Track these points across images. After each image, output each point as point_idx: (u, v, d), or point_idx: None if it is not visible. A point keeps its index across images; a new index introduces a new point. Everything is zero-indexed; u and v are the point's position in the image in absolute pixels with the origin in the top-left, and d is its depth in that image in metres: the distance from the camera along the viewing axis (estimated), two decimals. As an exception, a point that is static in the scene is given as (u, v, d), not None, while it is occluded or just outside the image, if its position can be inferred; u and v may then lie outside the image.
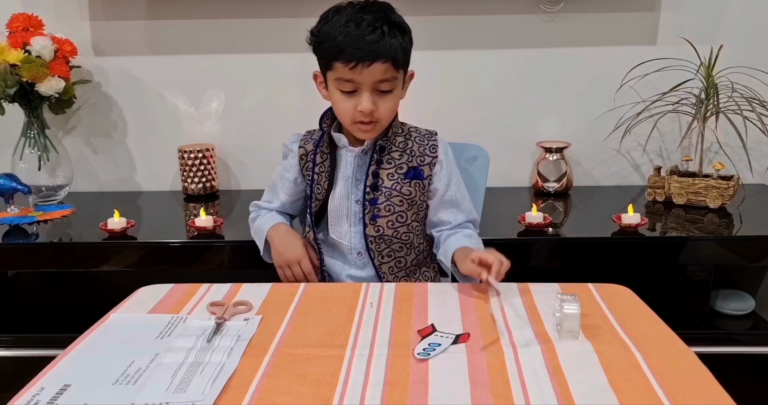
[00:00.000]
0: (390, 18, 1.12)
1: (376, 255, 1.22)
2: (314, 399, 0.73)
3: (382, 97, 1.13)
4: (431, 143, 1.22)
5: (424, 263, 1.28)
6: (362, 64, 1.08)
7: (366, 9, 1.11)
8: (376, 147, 1.19)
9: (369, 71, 1.09)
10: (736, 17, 1.82)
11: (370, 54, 1.08)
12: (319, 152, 1.22)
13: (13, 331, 1.64)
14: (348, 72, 1.10)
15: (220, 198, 1.89)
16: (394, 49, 1.10)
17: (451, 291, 1.05)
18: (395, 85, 1.14)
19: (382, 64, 1.09)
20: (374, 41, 1.08)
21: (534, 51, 1.87)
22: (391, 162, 1.20)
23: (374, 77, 1.10)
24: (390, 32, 1.09)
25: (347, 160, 1.21)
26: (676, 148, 1.91)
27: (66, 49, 1.76)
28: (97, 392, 0.75)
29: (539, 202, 1.78)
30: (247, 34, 1.88)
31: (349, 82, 1.12)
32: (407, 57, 1.15)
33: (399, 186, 1.20)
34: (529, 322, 0.93)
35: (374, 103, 1.12)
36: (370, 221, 1.20)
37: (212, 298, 1.03)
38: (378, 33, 1.08)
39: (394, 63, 1.11)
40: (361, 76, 1.10)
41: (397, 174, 1.20)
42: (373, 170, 1.19)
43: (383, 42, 1.08)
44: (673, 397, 0.72)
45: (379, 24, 1.09)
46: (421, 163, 1.21)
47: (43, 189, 1.81)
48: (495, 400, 0.72)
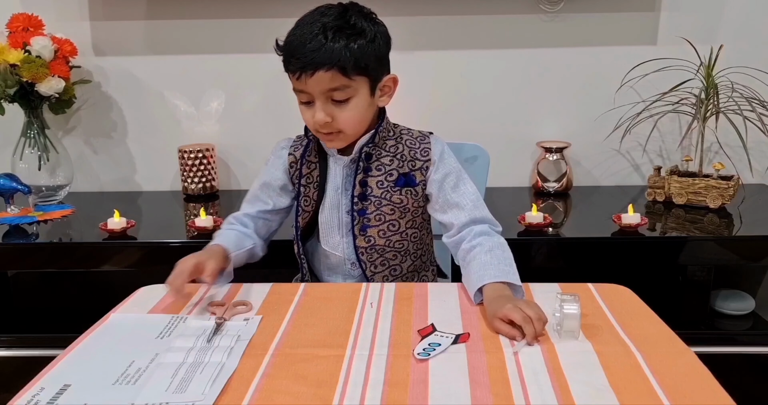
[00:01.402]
0: (343, 22, 1.03)
1: (368, 266, 1.17)
2: (314, 399, 0.73)
3: (339, 106, 1.06)
4: (423, 146, 1.15)
5: (422, 268, 1.24)
6: (305, 73, 1.02)
7: (326, 13, 1.05)
8: (362, 155, 1.13)
9: (314, 81, 1.03)
10: (736, 17, 1.82)
11: (310, 63, 1.01)
12: (305, 163, 1.17)
13: (13, 331, 1.64)
14: (297, 82, 1.05)
15: (220, 198, 1.89)
16: (338, 55, 1.01)
17: (451, 291, 1.04)
18: (351, 93, 1.05)
19: (325, 72, 1.01)
20: (314, 49, 1.01)
21: (534, 51, 1.87)
22: (381, 168, 1.13)
23: (321, 86, 1.03)
24: (334, 38, 1.01)
25: (336, 170, 1.16)
26: (676, 148, 1.91)
27: (66, 49, 1.76)
28: (97, 392, 0.75)
29: (539, 202, 1.78)
30: (247, 34, 1.88)
31: (302, 93, 1.06)
32: (363, 62, 1.04)
33: (389, 194, 1.13)
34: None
35: (330, 113, 1.05)
36: (360, 232, 1.15)
37: (212, 298, 1.03)
38: (319, 39, 1.01)
39: (342, 70, 1.02)
40: (308, 86, 1.04)
41: (387, 182, 1.13)
42: (361, 179, 1.13)
43: (325, 49, 1.01)
44: (673, 397, 0.72)
45: (324, 30, 1.02)
46: (412, 168, 1.14)
47: (43, 189, 1.81)
48: (495, 400, 0.72)
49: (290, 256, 1.26)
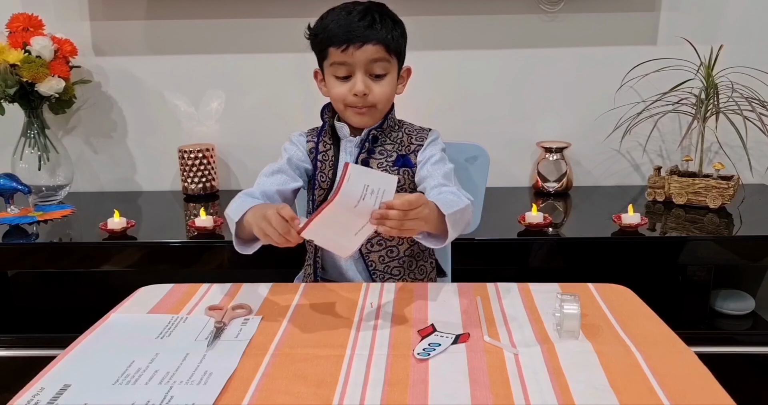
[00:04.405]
0: (382, 9, 1.17)
1: (364, 243, 1.19)
2: (314, 399, 0.73)
3: (375, 81, 1.17)
4: (421, 134, 1.25)
5: (420, 257, 1.27)
6: (353, 45, 1.12)
7: (359, 3, 1.17)
8: (369, 137, 1.21)
9: (361, 51, 1.13)
10: (736, 17, 1.82)
11: (361, 36, 1.12)
12: (321, 142, 1.24)
13: (13, 331, 1.64)
14: (340, 54, 1.13)
15: (220, 198, 1.89)
16: (385, 33, 1.14)
17: (451, 291, 1.05)
18: (388, 69, 1.17)
19: (373, 45, 1.13)
20: (365, 26, 1.12)
21: (534, 51, 1.87)
22: (383, 153, 1.22)
23: (366, 56, 1.13)
24: (381, 20, 1.14)
25: (347, 151, 1.23)
26: (676, 148, 1.91)
27: (66, 49, 1.76)
28: (97, 392, 0.75)
29: (539, 202, 1.78)
30: (247, 34, 1.88)
31: (342, 66, 1.15)
32: (400, 46, 1.18)
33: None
34: (529, 322, 0.93)
35: (368, 86, 1.15)
36: None
37: (212, 298, 1.03)
38: (368, 18, 1.13)
39: (386, 47, 1.14)
40: (353, 57, 1.13)
41: (387, 162, 1.22)
42: (363, 158, 1.21)
43: (375, 26, 1.13)
44: (673, 397, 0.72)
45: (370, 12, 1.14)
46: (409, 151, 1.23)
47: (43, 189, 1.81)
48: (495, 400, 0.72)
49: (291, 256, 1.26)
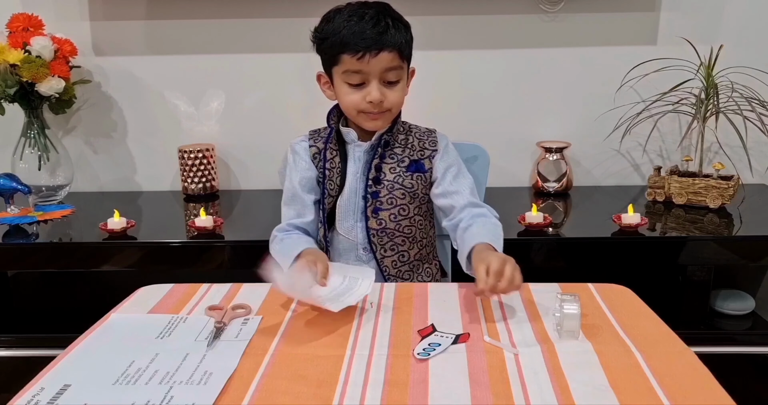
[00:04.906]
0: (390, 12, 1.16)
1: (378, 248, 1.23)
2: (314, 399, 0.73)
3: (389, 87, 1.16)
4: (431, 138, 1.25)
5: (426, 259, 1.29)
6: (370, 53, 1.11)
7: (366, 5, 1.15)
8: (381, 142, 1.22)
9: (377, 60, 1.12)
10: (736, 17, 1.82)
11: (377, 43, 1.11)
12: (329, 149, 1.24)
13: (13, 331, 1.64)
14: (356, 63, 1.12)
15: (220, 198, 1.89)
16: (399, 39, 1.13)
17: (451, 291, 1.05)
18: (401, 75, 1.17)
19: (389, 53, 1.12)
20: (380, 32, 1.11)
21: (534, 51, 1.87)
22: (394, 157, 1.23)
23: (382, 65, 1.13)
24: (394, 24, 1.13)
25: (356, 156, 1.23)
26: (676, 148, 1.91)
27: (66, 49, 1.76)
28: (97, 392, 0.76)
29: (539, 202, 1.78)
30: (247, 34, 1.88)
31: (356, 74, 1.14)
32: (410, 50, 1.19)
33: (401, 179, 1.22)
34: (529, 322, 0.93)
35: (383, 93, 1.15)
36: (372, 214, 1.22)
37: (212, 298, 1.03)
38: (383, 24, 1.12)
39: (400, 53, 1.14)
40: (369, 65, 1.12)
41: (399, 167, 1.22)
42: (376, 163, 1.21)
43: (389, 32, 1.12)
44: (673, 397, 0.72)
45: (382, 17, 1.13)
46: (422, 156, 1.23)
47: (43, 189, 1.81)
48: (495, 400, 0.73)
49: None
